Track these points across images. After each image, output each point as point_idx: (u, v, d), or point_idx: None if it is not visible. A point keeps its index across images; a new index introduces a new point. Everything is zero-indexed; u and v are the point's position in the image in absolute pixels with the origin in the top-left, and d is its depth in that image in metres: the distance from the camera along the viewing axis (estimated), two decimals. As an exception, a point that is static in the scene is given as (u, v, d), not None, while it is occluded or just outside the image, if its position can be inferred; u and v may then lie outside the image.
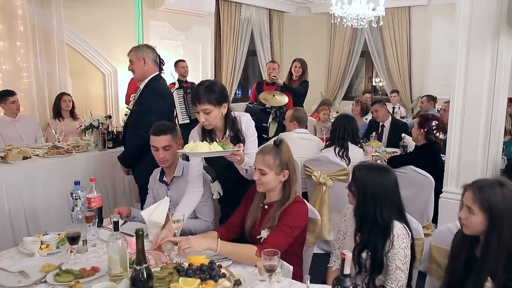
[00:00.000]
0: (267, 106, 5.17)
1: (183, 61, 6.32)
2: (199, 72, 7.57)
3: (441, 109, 5.60)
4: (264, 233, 2.14)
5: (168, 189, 2.73)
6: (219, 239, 2.05)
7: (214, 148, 2.24)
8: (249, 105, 5.30)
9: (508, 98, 6.04)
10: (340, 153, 3.87)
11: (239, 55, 8.47)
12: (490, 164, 3.12)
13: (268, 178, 2.18)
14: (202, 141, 2.38)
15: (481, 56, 3.03)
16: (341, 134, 3.92)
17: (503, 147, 3.45)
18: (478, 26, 3.02)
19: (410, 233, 2.00)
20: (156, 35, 6.81)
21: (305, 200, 2.30)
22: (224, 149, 2.26)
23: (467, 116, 3.13)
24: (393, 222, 1.98)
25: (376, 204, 1.98)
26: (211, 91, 2.37)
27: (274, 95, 5.24)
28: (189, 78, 6.31)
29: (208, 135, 2.51)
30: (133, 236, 1.68)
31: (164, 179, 2.77)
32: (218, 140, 2.48)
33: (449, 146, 3.24)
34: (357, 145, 4.04)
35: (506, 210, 1.70)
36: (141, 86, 3.33)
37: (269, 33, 9.11)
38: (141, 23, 6.70)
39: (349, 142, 3.94)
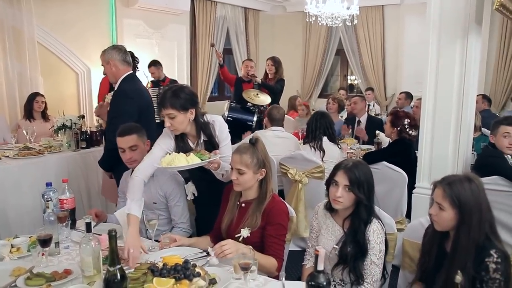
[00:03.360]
0: (249, 104, 5.19)
1: (154, 65, 5.99)
2: (175, 71, 7.50)
3: (413, 106, 5.71)
4: (244, 232, 2.13)
5: None
6: (251, 247, 1.96)
7: (191, 160, 2.25)
8: (232, 104, 5.29)
9: (481, 95, 6.14)
10: (314, 145, 3.92)
11: (215, 53, 8.41)
12: (461, 160, 3.19)
13: (246, 178, 2.17)
14: (176, 145, 2.39)
15: (451, 54, 3.10)
16: (314, 127, 3.98)
17: (473, 143, 3.54)
18: (448, 24, 3.09)
19: (384, 228, 2.04)
20: (130, 34, 6.72)
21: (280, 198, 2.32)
22: (201, 159, 2.26)
23: (438, 113, 3.20)
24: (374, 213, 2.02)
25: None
26: (176, 97, 2.33)
27: (257, 94, 5.26)
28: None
29: (181, 140, 2.49)
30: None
31: None
32: (193, 146, 2.46)
33: (421, 143, 3.30)
34: (334, 143, 4.07)
35: (475, 205, 1.75)
36: (115, 87, 3.28)
37: (245, 31, 9.09)
38: (114, 22, 6.57)
39: (325, 137, 3.97)
